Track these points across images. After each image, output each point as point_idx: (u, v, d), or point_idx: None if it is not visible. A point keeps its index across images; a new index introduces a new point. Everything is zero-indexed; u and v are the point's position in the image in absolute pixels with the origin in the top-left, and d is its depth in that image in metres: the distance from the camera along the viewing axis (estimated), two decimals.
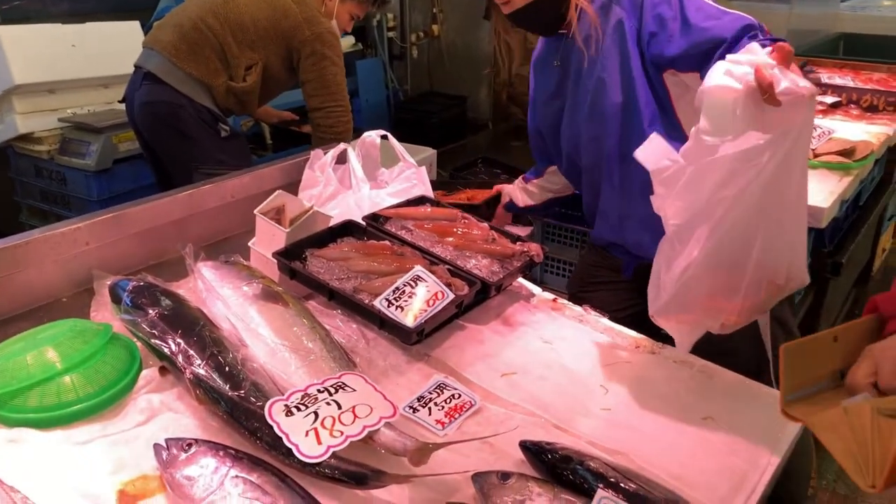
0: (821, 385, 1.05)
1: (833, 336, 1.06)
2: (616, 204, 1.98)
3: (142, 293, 1.43)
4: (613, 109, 1.84)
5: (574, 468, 1.21)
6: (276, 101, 3.59)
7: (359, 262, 1.69)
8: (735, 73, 1.26)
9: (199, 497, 1.07)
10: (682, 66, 1.74)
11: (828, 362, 1.06)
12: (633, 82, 1.81)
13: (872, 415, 0.85)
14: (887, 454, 0.83)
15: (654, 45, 1.75)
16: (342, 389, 1.28)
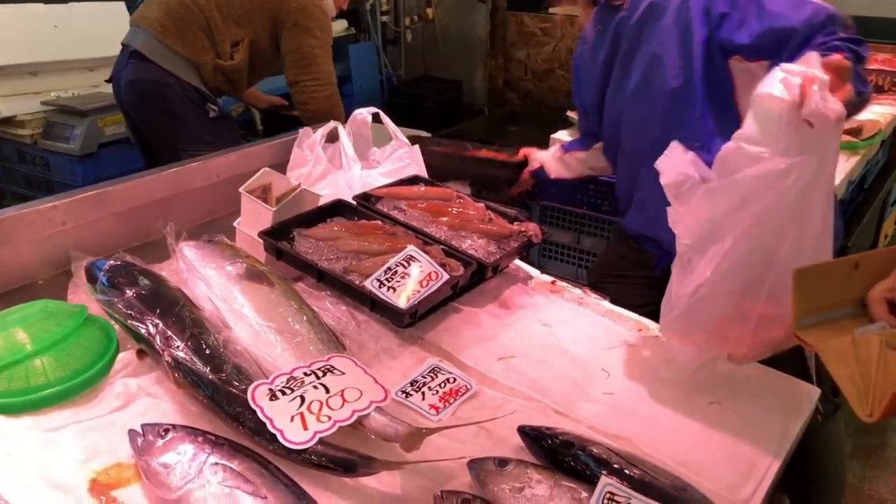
0: (840, 312, 1.03)
1: (854, 262, 1.04)
2: (655, 196, 1.76)
3: (119, 272, 1.35)
4: (665, 91, 1.70)
5: (576, 454, 1.15)
6: (267, 87, 3.51)
7: (349, 241, 1.62)
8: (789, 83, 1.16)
9: (175, 486, 1.00)
10: (752, 55, 1.60)
11: (847, 289, 1.04)
12: (693, 64, 1.65)
13: (881, 347, 0.84)
14: (889, 386, 0.83)
15: (724, 28, 1.60)
16: (330, 372, 1.21)
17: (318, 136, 2.03)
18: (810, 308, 1.04)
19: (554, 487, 1.07)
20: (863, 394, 0.87)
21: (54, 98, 3.52)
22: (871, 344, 0.86)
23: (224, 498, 0.98)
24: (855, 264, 1.05)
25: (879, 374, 0.84)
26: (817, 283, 1.04)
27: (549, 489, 1.07)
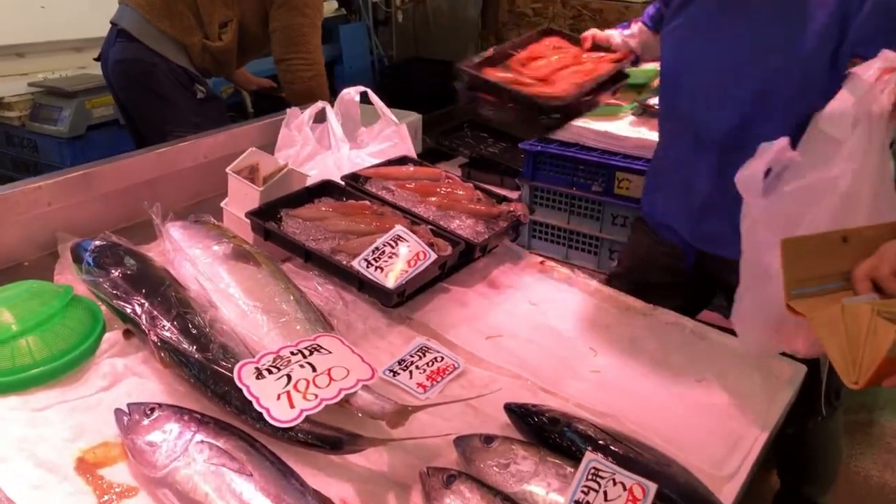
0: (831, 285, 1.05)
1: (842, 237, 1.05)
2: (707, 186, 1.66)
3: (105, 253, 1.35)
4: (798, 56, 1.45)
5: (561, 430, 1.16)
6: (258, 68, 3.48)
7: (336, 221, 1.61)
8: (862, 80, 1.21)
9: (161, 464, 1.00)
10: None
11: (837, 262, 1.05)
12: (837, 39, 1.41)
13: (871, 315, 0.86)
14: (877, 355, 0.84)
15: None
16: (317, 352, 1.21)
17: (306, 117, 2.01)
18: (801, 278, 1.05)
19: (539, 463, 1.08)
20: (850, 361, 0.89)
21: (41, 79, 3.48)
22: (862, 312, 0.88)
23: (210, 475, 0.99)
24: (843, 238, 1.05)
25: (868, 342, 0.85)
26: (805, 254, 1.05)
27: (534, 465, 1.08)
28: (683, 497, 1.07)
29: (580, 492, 1.02)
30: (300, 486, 1.00)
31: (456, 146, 3.15)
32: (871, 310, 0.86)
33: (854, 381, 0.89)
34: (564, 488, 1.04)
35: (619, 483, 1.04)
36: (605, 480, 1.04)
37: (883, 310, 0.86)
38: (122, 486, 1.03)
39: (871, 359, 0.86)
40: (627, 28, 2.08)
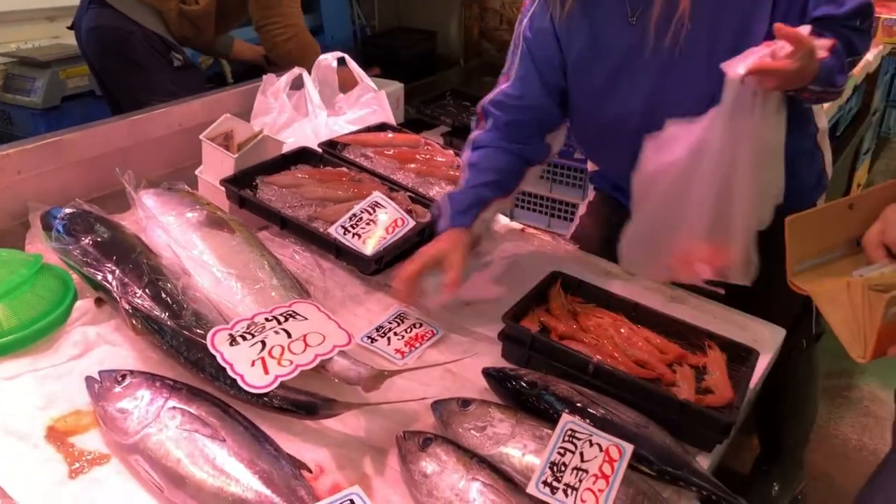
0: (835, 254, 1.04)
1: (849, 203, 1.04)
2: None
3: (75, 220, 1.32)
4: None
5: (539, 394, 1.15)
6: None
7: (313, 188, 1.59)
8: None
9: (133, 430, 0.99)
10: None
11: (841, 230, 1.04)
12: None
13: (863, 290, 0.87)
14: (874, 326, 0.86)
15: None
16: (293, 318, 1.20)
17: (283, 84, 1.98)
18: (804, 254, 1.04)
19: (516, 426, 1.08)
20: (855, 336, 0.90)
21: (14, 50, 3.40)
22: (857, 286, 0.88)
23: (182, 441, 0.97)
24: (850, 205, 1.04)
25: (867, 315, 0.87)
26: (812, 229, 1.04)
27: (511, 427, 1.07)
28: (660, 458, 1.07)
29: (556, 453, 1.02)
30: (274, 450, 1.00)
31: (438, 115, 3.11)
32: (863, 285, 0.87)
33: (861, 354, 0.90)
34: (541, 450, 1.04)
35: (595, 444, 1.04)
36: (582, 442, 1.04)
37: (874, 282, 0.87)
38: (94, 454, 1.02)
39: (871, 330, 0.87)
40: None
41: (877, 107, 3.78)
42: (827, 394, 2.62)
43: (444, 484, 0.98)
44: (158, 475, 0.96)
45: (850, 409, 2.56)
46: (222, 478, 0.94)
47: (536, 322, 1.34)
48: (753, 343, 1.35)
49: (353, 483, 1.01)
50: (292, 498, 0.94)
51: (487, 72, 4.62)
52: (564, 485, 0.99)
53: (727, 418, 1.14)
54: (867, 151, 4.05)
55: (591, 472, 1.01)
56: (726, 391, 1.21)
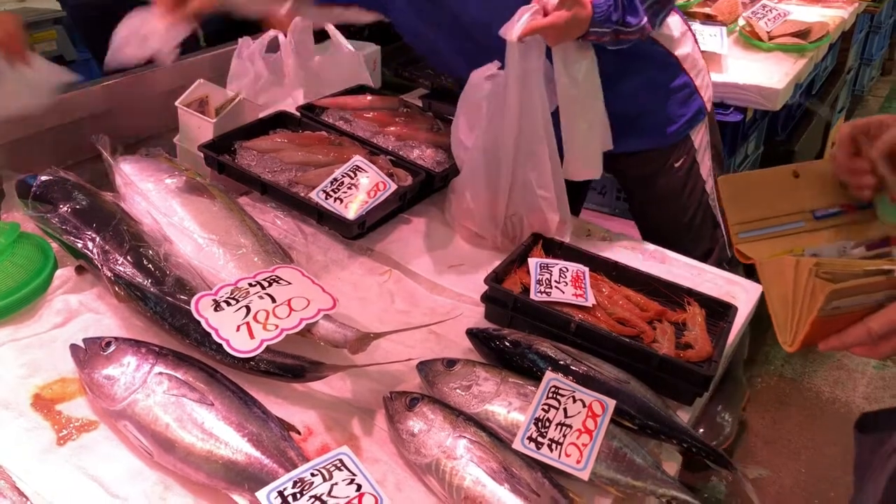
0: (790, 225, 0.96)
1: (792, 172, 0.96)
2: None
3: (52, 188, 1.30)
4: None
5: (523, 352, 1.17)
6: None
7: (293, 153, 1.57)
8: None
9: (120, 396, 0.99)
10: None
11: (792, 199, 0.96)
12: None
13: (809, 274, 0.79)
14: (810, 315, 0.78)
15: None
16: (276, 283, 1.20)
17: (259, 46, 1.94)
18: (749, 218, 0.97)
19: (501, 384, 1.10)
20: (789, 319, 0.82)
21: None
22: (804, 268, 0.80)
23: (170, 406, 0.98)
24: (794, 173, 0.97)
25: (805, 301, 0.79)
26: (751, 191, 0.97)
27: (495, 386, 1.09)
28: (641, 412, 1.10)
29: (541, 409, 1.04)
30: (262, 413, 1.01)
31: (416, 77, 3.07)
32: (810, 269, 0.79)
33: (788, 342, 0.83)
34: (525, 407, 1.06)
35: (578, 400, 1.07)
36: (565, 398, 1.06)
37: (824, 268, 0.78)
38: (81, 420, 1.03)
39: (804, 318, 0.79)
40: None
41: (851, 65, 3.80)
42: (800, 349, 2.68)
43: (431, 442, 1.00)
44: (147, 440, 0.97)
45: (823, 364, 2.62)
46: (212, 441, 0.95)
47: (518, 284, 1.36)
48: (730, 299, 1.38)
49: (342, 444, 1.03)
50: (282, 459, 0.96)
51: None
52: (549, 440, 1.01)
53: (706, 371, 1.17)
54: (842, 110, 4.08)
55: (574, 428, 1.03)
56: (705, 346, 1.24)
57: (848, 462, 1.01)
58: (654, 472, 1.02)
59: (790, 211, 0.96)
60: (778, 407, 2.43)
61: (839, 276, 0.76)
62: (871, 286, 0.77)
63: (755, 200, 0.96)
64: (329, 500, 0.91)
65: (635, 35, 1.40)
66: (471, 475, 0.96)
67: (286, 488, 0.91)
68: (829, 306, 0.76)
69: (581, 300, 1.30)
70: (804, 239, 0.96)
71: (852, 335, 0.79)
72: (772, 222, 0.96)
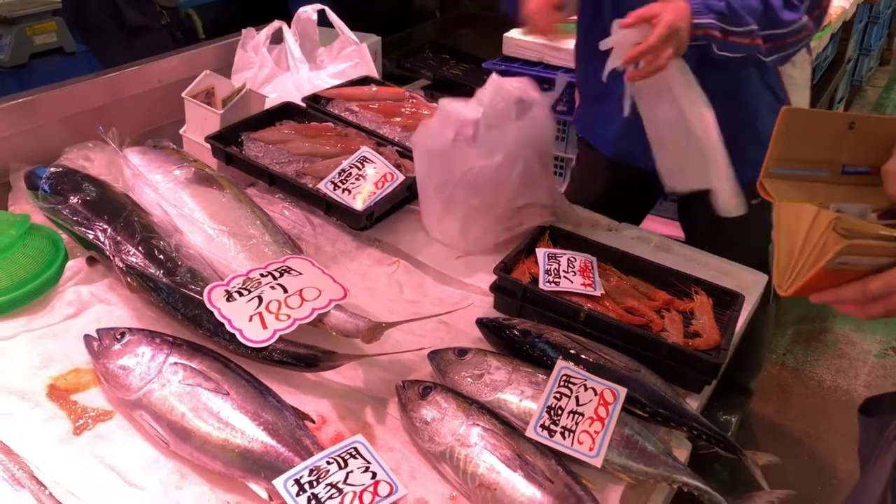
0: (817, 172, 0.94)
1: (850, 122, 0.92)
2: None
3: (61, 179, 1.30)
4: None
5: (533, 342, 1.18)
6: None
7: (300, 144, 1.58)
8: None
9: (135, 386, 1.00)
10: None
11: (834, 148, 0.93)
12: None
13: (827, 227, 0.79)
14: (815, 265, 0.79)
15: None
16: (287, 273, 1.20)
17: (263, 37, 1.94)
18: (790, 156, 0.93)
19: (512, 373, 1.10)
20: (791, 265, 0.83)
21: None
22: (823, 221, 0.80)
23: (186, 396, 0.99)
24: (850, 123, 0.93)
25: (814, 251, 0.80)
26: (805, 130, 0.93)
27: (507, 374, 1.10)
28: (652, 400, 1.11)
29: (553, 397, 1.05)
30: (277, 402, 1.01)
31: (418, 68, 3.07)
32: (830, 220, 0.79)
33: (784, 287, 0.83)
34: (537, 395, 1.07)
35: (590, 388, 1.07)
36: (577, 386, 1.07)
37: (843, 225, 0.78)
38: (97, 410, 1.03)
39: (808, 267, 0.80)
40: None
41: (850, 55, 3.81)
42: (801, 337, 2.70)
43: (445, 430, 1.00)
44: (164, 430, 0.97)
45: (825, 352, 2.64)
46: (228, 430, 0.96)
47: (527, 274, 1.36)
48: (737, 288, 1.39)
49: (355, 432, 1.04)
50: (297, 447, 0.96)
51: (465, 24, 4.56)
52: (562, 428, 1.02)
53: (715, 360, 1.18)
54: (841, 100, 4.09)
55: (586, 415, 1.04)
56: (713, 334, 1.25)
57: (851, 450, 1.02)
58: (665, 459, 1.03)
59: (827, 159, 0.94)
60: (780, 395, 2.44)
61: (854, 234, 0.77)
62: (882, 250, 0.78)
63: (804, 140, 0.93)
64: (345, 487, 0.92)
65: (745, 39, 1.36)
66: (485, 462, 0.96)
67: (302, 476, 0.92)
68: (837, 259, 0.77)
69: (590, 290, 1.30)
70: (820, 189, 0.94)
71: (847, 292, 0.80)
72: (803, 166, 0.94)
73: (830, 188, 0.94)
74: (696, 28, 1.32)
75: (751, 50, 1.39)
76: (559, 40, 1.44)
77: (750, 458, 1.09)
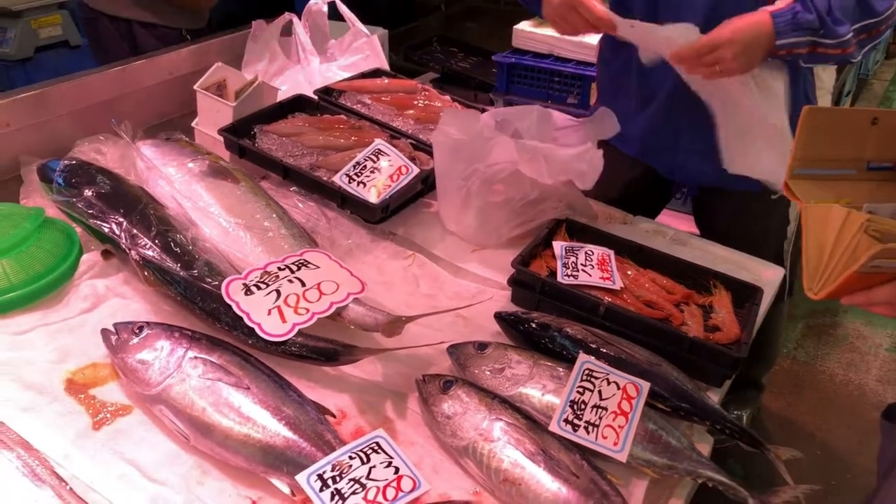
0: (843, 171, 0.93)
1: (872, 117, 0.92)
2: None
3: (75, 172, 1.29)
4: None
5: (552, 336, 1.17)
6: None
7: (313, 136, 1.56)
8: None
9: (155, 381, 0.99)
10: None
11: (858, 146, 0.93)
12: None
13: (859, 229, 0.77)
14: (847, 269, 0.78)
15: None
16: (305, 267, 1.19)
17: (274, 29, 1.93)
18: (812, 157, 0.92)
19: (533, 367, 1.09)
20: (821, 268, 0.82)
21: None
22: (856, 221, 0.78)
23: (206, 391, 0.98)
24: (873, 119, 0.92)
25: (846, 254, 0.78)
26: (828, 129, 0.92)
27: (528, 368, 1.09)
28: (674, 394, 1.10)
29: (575, 392, 1.04)
30: (298, 397, 1.00)
31: (425, 61, 3.05)
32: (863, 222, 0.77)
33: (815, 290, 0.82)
34: (559, 389, 1.06)
35: (612, 382, 1.06)
36: (600, 380, 1.06)
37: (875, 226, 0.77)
38: (116, 405, 1.02)
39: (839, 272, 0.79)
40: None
41: None
42: (813, 332, 2.69)
43: (467, 424, 1.00)
44: (184, 424, 0.96)
45: (836, 346, 2.63)
46: (249, 425, 0.95)
47: (544, 267, 1.35)
48: (754, 282, 1.37)
49: (376, 427, 1.03)
50: (319, 442, 0.95)
51: (470, 17, 4.53)
52: (585, 422, 1.01)
53: (737, 353, 1.17)
54: (848, 93, 4.07)
55: (610, 410, 1.03)
56: (733, 328, 1.24)
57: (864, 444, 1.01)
58: (689, 454, 1.02)
59: (851, 156, 0.93)
60: (792, 390, 2.43)
61: (887, 236, 0.76)
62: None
63: (828, 139, 0.92)
64: (368, 483, 0.91)
65: (837, 50, 1.31)
66: (509, 457, 0.96)
67: (325, 471, 0.91)
68: (870, 263, 0.75)
69: (608, 283, 1.29)
70: (846, 186, 0.93)
71: (880, 294, 0.80)
72: (828, 165, 0.93)
73: (856, 185, 0.93)
74: (778, 49, 1.28)
75: (840, 59, 1.35)
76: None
77: (774, 452, 1.08)
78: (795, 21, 1.27)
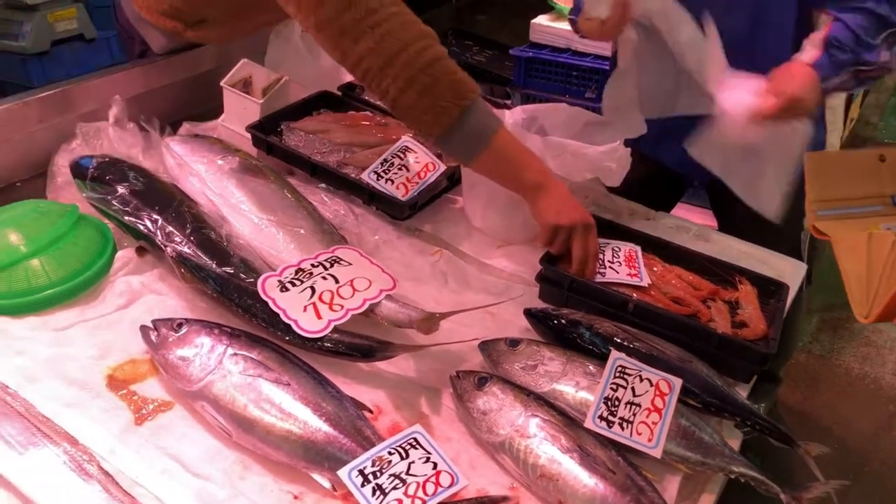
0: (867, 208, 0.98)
1: (879, 156, 0.98)
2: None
3: (108, 169, 1.30)
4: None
5: (582, 332, 1.18)
6: None
7: (340, 133, 1.57)
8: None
9: (196, 377, 1.00)
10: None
11: (874, 183, 0.97)
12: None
13: (892, 247, 0.80)
14: (890, 289, 0.80)
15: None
16: (337, 263, 1.21)
17: (296, 25, 1.93)
18: (829, 197, 0.98)
19: (567, 363, 1.11)
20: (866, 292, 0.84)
21: None
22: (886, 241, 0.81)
23: (247, 387, 0.99)
24: (880, 157, 0.98)
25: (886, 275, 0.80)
26: (835, 170, 0.98)
27: (562, 365, 1.10)
28: (705, 391, 1.11)
29: (609, 388, 1.06)
30: (337, 393, 1.02)
31: None
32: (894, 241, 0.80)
33: (865, 314, 0.85)
34: (593, 386, 1.07)
35: (645, 379, 1.08)
36: (632, 377, 1.08)
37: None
38: (157, 401, 1.04)
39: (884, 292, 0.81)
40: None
41: None
42: (829, 326, 2.70)
43: (503, 420, 1.01)
44: (226, 420, 0.98)
45: (852, 340, 2.64)
46: (290, 421, 0.97)
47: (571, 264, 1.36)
48: (778, 278, 1.38)
49: (412, 422, 1.04)
50: (359, 438, 0.97)
51: (480, 10, 4.53)
52: (619, 419, 1.02)
53: (766, 349, 1.18)
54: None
55: (643, 406, 1.04)
56: (760, 324, 1.25)
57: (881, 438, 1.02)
58: (722, 450, 1.04)
59: (871, 194, 0.97)
60: (808, 384, 2.44)
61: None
62: None
63: (838, 180, 0.96)
64: (408, 478, 0.93)
65: (878, 72, 1.37)
66: (546, 453, 0.97)
67: (366, 467, 0.93)
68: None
69: (636, 280, 1.30)
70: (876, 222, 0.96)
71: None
72: (851, 203, 0.96)
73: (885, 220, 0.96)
74: (825, 93, 1.34)
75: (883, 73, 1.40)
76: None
77: (804, 448, 1.10)
78: (834, 64, 1.32)
